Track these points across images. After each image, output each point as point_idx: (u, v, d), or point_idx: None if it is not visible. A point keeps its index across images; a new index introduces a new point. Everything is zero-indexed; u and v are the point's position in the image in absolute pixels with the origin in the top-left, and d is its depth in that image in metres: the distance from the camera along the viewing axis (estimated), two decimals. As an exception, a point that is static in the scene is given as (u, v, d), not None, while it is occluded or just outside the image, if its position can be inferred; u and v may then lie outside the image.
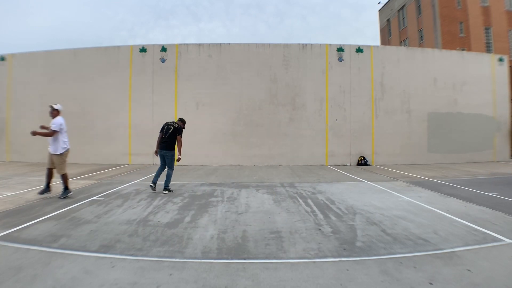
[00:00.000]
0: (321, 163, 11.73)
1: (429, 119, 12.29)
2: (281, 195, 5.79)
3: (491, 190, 6.05)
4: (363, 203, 4.99)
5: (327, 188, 6.51)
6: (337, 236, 3.39)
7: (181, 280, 2.32)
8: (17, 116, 12.36)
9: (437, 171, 9.43)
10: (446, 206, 4.75)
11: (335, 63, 12.03)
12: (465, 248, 2.99)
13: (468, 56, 13.53)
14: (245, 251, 2.95)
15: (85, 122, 11.84)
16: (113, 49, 12.23)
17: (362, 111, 12.01)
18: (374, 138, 12.00)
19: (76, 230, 3.56)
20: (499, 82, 12.94)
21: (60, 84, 12.05)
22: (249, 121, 11.69)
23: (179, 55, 11.93)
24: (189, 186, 6.77)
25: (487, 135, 12.68)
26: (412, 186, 6.79)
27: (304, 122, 11.88)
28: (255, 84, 11.84)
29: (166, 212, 4.42)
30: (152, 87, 11.82)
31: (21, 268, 2.50)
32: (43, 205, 4.77)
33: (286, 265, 2.62)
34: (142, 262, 2.66)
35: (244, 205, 4.88)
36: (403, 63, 12.27)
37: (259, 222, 3.92)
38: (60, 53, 12.40)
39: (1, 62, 12.61)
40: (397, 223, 3.88)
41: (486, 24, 22.67)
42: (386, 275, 2.40)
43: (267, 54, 11.97)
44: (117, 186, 6.68)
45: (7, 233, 3.40)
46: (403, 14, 27.83)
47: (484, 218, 4.04)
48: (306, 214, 4.33)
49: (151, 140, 11.70)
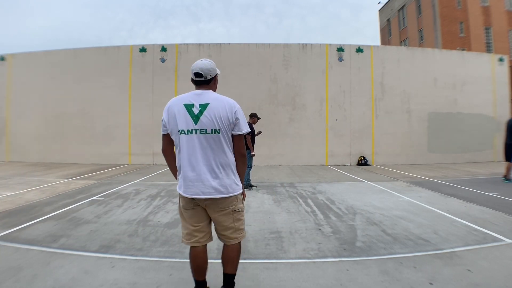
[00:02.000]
0: (321, 163, 11.73)
1: (429, 119, 12.28)
2: (281, 195, 5.79)
3: (491, 190, 6.05)
4: (363, 203, 4.99)
5: (327, 188, 6.51)
6: (337, 236, 3.38)
7: (181, 280, 2.32)
8: (17, 116, 12.36)
9: (437, 171, 9.43)
10: (446, 206, 4.75)
11: (335, 63, 12.02)
12: (465, 248, 2.99)
13: (468, 56, 13.53)
14: (245, 251, 2.94)
15: (85, 122, 11.85)
16: (113, 49, 12.23)
17: (362, 111, 12.01)
18: (374, 138, 12.00)
19: (76, 230, 3.56)
20: (499, 82, 12.94)
21: (60, 84, 12.06)
22: (249, 121, 11.69)
23: (179, 55, 11.93)
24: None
25: (487, 135, 12.67)
26: (412, 186, 6.79)
27: (304, 122, 11.88)
28: (255, 84, 11.84)
29: (166, 212, 4.42)
30: (152, 87, 11.82)
31: (21, 268, 2.50)
32: (43, 205, 4.77)
33: (286, 265, 2.62)
34: (142, 262, 2.66)
35: (244, 205, 4.87)
36: (403, 63, 12.26)
37: (259, 222, 3.92)
38: (60, 53, 12.41)
39: (1, 62, 12.62)
40: (397, 223, 3.87)
41: (486, 24, 22.66)
42: (386, 275, 2.40)
43: (267, 54, 11.97)
44: (117, 186, 6.68)
45: (7, 233, 3.40)
46: (403, 14, 27.83)
47: (484, 218, 4.04)
48: (306, 214, 4.33)
49: (151, 140, 11.74)
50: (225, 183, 1.78)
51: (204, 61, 1.88)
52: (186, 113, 1.77)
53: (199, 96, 1.82)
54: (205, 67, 1.84)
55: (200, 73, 1.83)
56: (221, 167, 1.79)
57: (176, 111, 1.79)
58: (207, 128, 1.75)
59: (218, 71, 1.94)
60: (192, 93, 1.85)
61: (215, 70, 1.90)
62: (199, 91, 1.84)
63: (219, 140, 1.77)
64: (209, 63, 1.88)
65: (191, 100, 1.80)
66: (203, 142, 1.76)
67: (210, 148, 1.77)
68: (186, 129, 1.76)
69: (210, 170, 1.76)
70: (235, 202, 1.87)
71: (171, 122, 1.81)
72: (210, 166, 1.77)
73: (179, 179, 1.85)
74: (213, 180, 1.76)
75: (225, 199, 1.81)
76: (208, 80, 1.86)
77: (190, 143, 1.77)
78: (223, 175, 1.78)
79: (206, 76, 1.84)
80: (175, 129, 1.80)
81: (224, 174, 1.79)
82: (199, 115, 1.76)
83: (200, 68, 1.83)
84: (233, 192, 1.82)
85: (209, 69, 1.85)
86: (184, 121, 1.77)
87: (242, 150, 1.89)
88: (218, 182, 1.76)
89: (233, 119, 1.79)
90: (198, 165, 1.76)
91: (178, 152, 1.82)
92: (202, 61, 1.87)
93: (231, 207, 1.85)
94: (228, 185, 1.80)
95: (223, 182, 1.78)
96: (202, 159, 1.76)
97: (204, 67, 1.84)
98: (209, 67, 1.85)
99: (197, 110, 1.77)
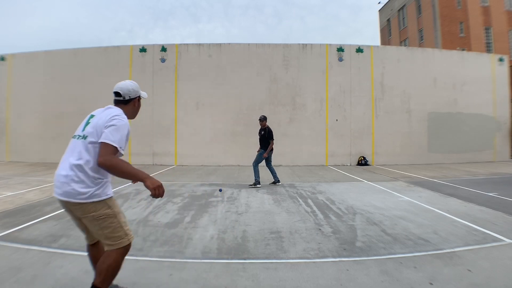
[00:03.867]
0: (321, 163, 11.73)
1: (429, 119, 12.28)
2: (281, 195, 5.79)
3: (491, 190, 6.05)
4: (363, 203, 4.99)
5: (327, 188, 6.51)
6: (337, 236, 3.38)
7: (181, 280, 2.32)
8: (17, 116, 12.36)
9: (437, 171, 9.43)
10: (446, 206, 4.75)
11: (335, 63, 12.02)
12: (465, 248, 2.99)
13: (468, 56, 13.53)
14: (245, 251, 2.94)
15: (85, 122, 11.84)
16: (113, 49, 12.23)
17: (362, 111, 12.01)
18: (374, 138, 12.00)
19: (76, 230, 3.52)
20: (499, 82, 12.94)
21: (60, 84, 12.05)
22: (249, 121, 11.67)
23: (179, 55, 11.93)
24: (189, 186, 6.77)
25: (487, 135, 12.67)
26: (412, 186, 6.79)
27: (304, 122, 11.87)
28: (255, 84, 11.84)
29: (166, 212, 4.42)
30: (152, 87, 11.82)
31: (21, 268, 2.50)
32: (43, 205, 4.77)
33: (286, 265, 2.62)
34: (142, 262, 2.66)
35: (244, 205, 4.88)
36: (403, 63, 12.26)
37: (259, 222, 3.92)
38: (60, 53, 12.41)
39: (1, 62, 12.62)
40: (397, 223, 3.87)
41: (486, 24, 22.66)
42: (386, 275, 2.40)
43: (267, 54, 11.97)
44: (117, 186, 6.68)
45: (7, 233, 3.40)
46: (403, 14, 27.83)
47: (484, 218, 4.04)
48: (306, 214, 4.33)
49: (151, 140, 11.75)
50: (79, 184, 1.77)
51: (128, 82, 1.96)
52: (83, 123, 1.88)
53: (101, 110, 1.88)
54: (125, 87, 1.91)
55: (118, 92, 1.91)
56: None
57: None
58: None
59: (142, 94, 2.00)
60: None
61: (137, 92, 1.96)
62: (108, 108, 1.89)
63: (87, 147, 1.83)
64: (132, 84, 1.95)
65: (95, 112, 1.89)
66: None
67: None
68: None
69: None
70: (94, 208, 1.77)
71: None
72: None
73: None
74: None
75: (80, 204, 1.77)
76: (126, 100, 1.93)
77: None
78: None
79: (124, 96, 1.91)
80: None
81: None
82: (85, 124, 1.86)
83: (120, 88, 1.91)
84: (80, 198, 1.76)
85: (129, 89, 1.92)
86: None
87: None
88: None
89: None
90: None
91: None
92: (125, 81, 1.96)
93: (91, 213, 1.78)
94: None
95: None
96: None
97: (124, 87, 1.91)
98: (129, 88, 1.92)
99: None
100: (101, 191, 1.78)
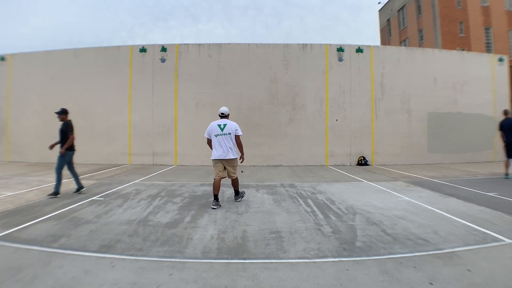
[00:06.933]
0: (321, 163, 11.73)
1: (429, 119, 12.28)
2: (281, 195, 5.79)
3: (491, 190, 6.05)
4: (363, 203, 4.99)
5: (327, 188, 6.51)
6: (337, 236, 3.39)
7: (181, 280, 2.33)
8: (17, 116, 12.36)
9: (437, 171, 9.43)
10: (446, 206, 4.75)
11: (335, 63, 12.02)
12: (465, 248, 2.99)
13: (468, 56, 13.53)
14: (245, 251, 2.95)
15: (85, 122, 11.82)
16: (113, 49, 12.22)
17: (362, 111, 12.00)
18: (374, 138, 12.00)
19: (76, 230, 3.56)
20: (499, 82, 12.93)
21: (60, 84, 12.05)
22: (249, 121, 11.67)
23: (179, 55, 11.92)
24: (189, 186, 6.77)
25: (487, 135, 12.65)
26: (412, 186, 6.79)
27: (304, 122, 11.87)
28: (255, 84, 11.84)
29: (166, 212, 4.42)
30: (152, 87, 11.82)
31: (21, 268, 2.50)
32: (43, 205, 4.77)
33: (286, 265, 2.62)
34: (142, 262, 2.66)
35: (244, 205, 4.88)
36: (403, 63, 12.26)
37: (259, 222, 3.92)
38: (60, 53, 12.40)
39: (1, 62, 12.61)
40: (397, 223, 3.88)
41: (486, 24, 22.67)
42: (386, 275, 2.40)
43: (267, 54, 11.96)
44: (117, 186, 6.68)
45: (7, 233, 3.40)
46: (403, 14, 27.83)
47: (484, 218, 4.04)
48: (306, 214, 4.33)
49: (151, 140, 11.75)
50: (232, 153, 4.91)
51: (224, 107, 5.12)
52: (217, 127, 4.92)
53: (223, 121, 5.00)
54: (224, 110, 5.07)
55: (223, 113, 5.06)
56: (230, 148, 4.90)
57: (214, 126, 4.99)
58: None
59: (227, 111, 5.14)
60: (219, 120, 5.05)
61: (228, 111, 5.09)
62: (223, 120, 5.04)
63: (231, 138, 4.91)
64: (225, 109, 5.11)
65: (220, 122, 4.98)
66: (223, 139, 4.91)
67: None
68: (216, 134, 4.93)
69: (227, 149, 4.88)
70: (235, 162, 5.00)
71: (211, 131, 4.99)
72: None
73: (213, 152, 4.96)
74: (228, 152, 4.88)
75: (232, 159, 4.91)
76: (226, 115, 5.07)
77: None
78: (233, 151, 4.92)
79: (225, 114, 5.07)
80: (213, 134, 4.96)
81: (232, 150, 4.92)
82: (222, 128, 4.92)
83: (223, 111, 5.07)
84: (233, 157, 4.91)
85: (226, 111, 5.09)
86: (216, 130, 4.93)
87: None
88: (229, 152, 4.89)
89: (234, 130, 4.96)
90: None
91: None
92: (224, 107, 5.13)
93: (233, 164, 4.98)
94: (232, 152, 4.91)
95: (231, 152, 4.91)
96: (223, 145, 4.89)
97: (224, 110, 5.06)
98: (225, 110, 5.08)
99: (222, 125, 4.93)
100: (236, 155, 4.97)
